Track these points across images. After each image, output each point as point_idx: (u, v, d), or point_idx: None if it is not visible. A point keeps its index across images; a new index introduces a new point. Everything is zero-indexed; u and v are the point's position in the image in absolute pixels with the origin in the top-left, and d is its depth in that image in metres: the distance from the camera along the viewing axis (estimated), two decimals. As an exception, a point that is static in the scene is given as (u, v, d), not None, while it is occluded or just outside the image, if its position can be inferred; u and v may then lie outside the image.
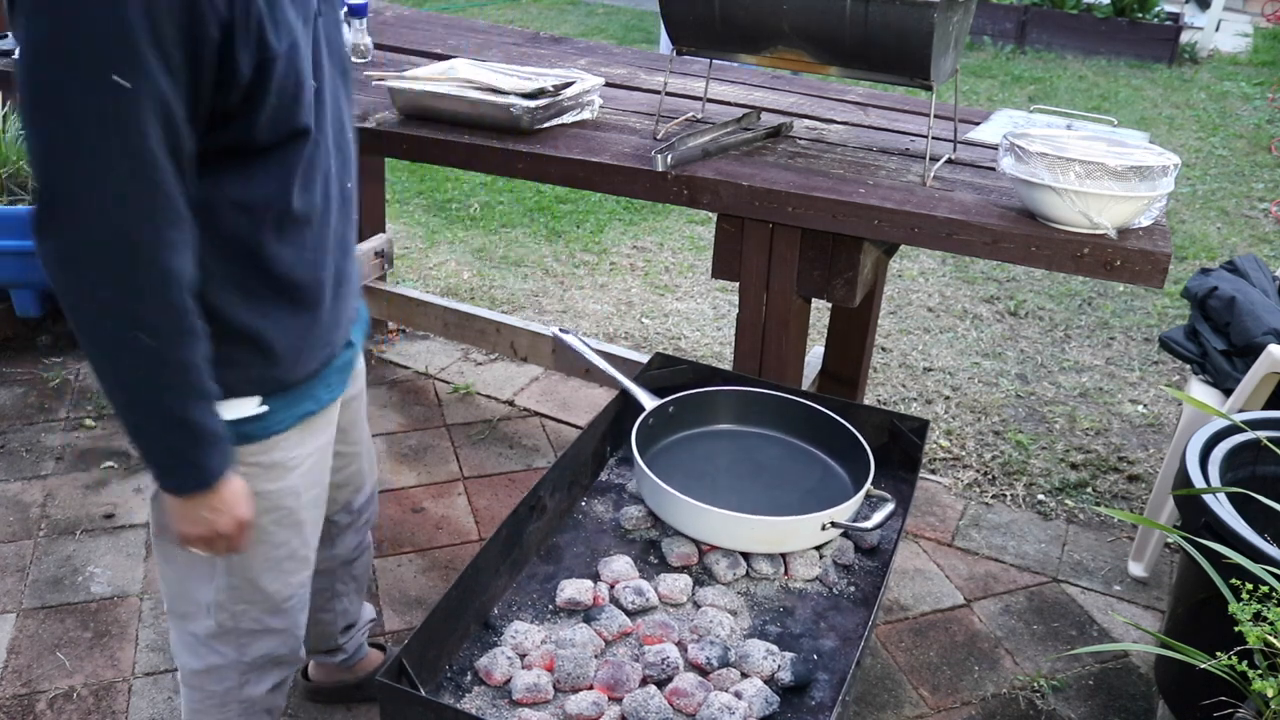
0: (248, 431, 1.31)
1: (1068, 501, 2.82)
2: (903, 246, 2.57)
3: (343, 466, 1.65)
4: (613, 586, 1.36)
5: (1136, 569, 2.52)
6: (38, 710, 2.03)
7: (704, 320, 3.76)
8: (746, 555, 1.43)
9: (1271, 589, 1.43)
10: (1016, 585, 2.50)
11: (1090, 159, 1.66)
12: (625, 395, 1.66)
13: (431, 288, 3.88)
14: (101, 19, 0.99)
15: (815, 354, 2.66)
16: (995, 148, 2.00)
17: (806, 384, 2.42)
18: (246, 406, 1.30)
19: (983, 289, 4.12)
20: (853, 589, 1.42)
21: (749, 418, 1.68)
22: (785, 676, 1.23)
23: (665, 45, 6.49)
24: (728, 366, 2.13)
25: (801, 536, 1.42)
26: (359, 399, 1.65)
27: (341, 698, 2.04)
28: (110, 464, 2.78)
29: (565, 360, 3.01)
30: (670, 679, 1.21)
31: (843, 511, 1.43)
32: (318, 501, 1.48)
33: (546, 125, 2.08)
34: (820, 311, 3.31)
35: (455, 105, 2.06)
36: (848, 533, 1.47)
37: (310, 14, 1.21)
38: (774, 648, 1.26)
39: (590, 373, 3.12)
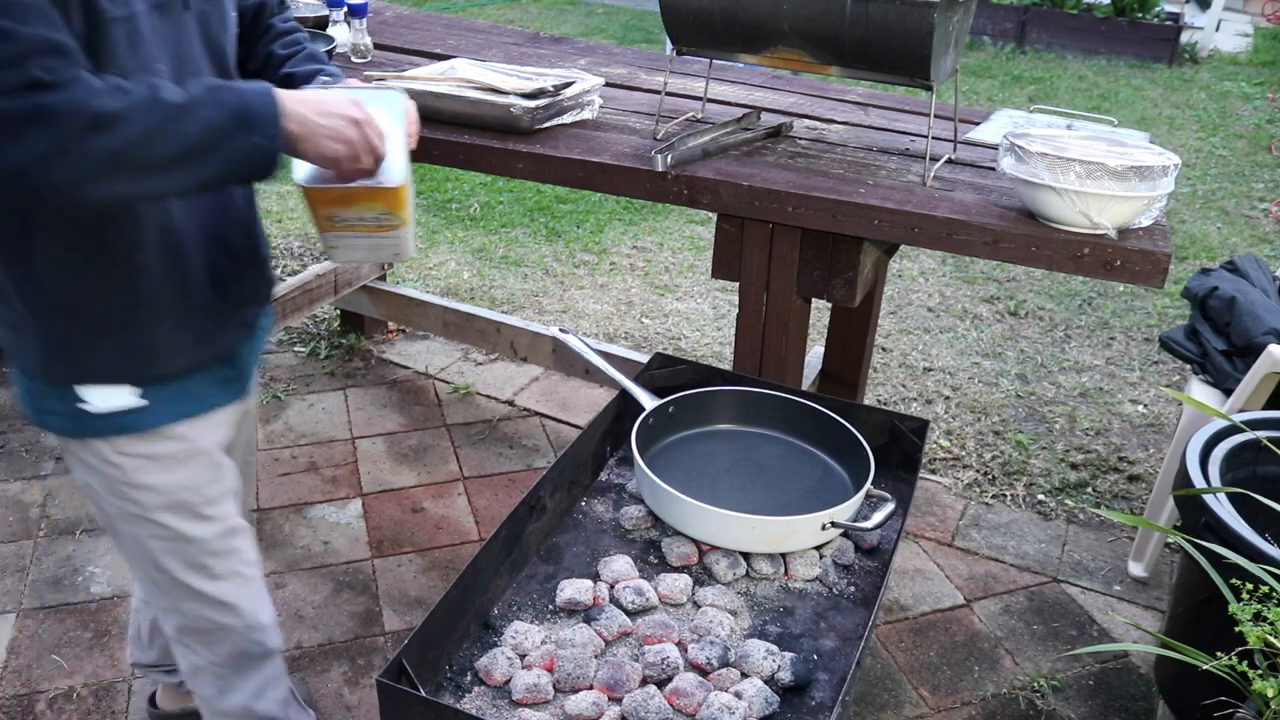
0: (124, 422, 1.35)
1: (1068, 501, 2.82)
2: (903, 246, 2.57)
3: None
4: (613, 586, 1.36)
5: (1136, 569, 2.52)
6: (38, 710, 2.03)
7: (704, 320, 3.76)
8: (746, 555, 1.43)
9: (1271, 589, 1.43)
10: (1016, 585, 2.50)
11: (1090, 159, 1.66)
12: (625, 395, 1.66)
13: (431, 288, 3.88)
14: None
15: (815, 354, 2.66)
16: (995, 148, 2.00)
17: (806, 384, 2.41)
18: (121, 396, 1.33)
19: (983, 289, 4.12)
20: (853, 589, 1.42)
21: (749, 418, 1.68)
22: (785, 676, 1.23)
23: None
24: (728, 366, 2.13)
25: (801, 536, 1.42)
26: (248, 419, 1.66)
27: None
28: (110, 464, 2.78)
29: (565, 360, 3.01)
30: (670, 679, 1.21)
31: (843, 511, 1.42)
32: (225, 495, 1.49)
33: (546, 125, 2.08)
34: (820, 311, 3.31)
35: (455, 105, 2.05)
36: (848, 533, 1.47)
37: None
38: (774, 648, 1.26)
39: (590, 373, 3.12)
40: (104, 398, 1.32)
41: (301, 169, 1.29)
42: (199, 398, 1.42)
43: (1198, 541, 1.61)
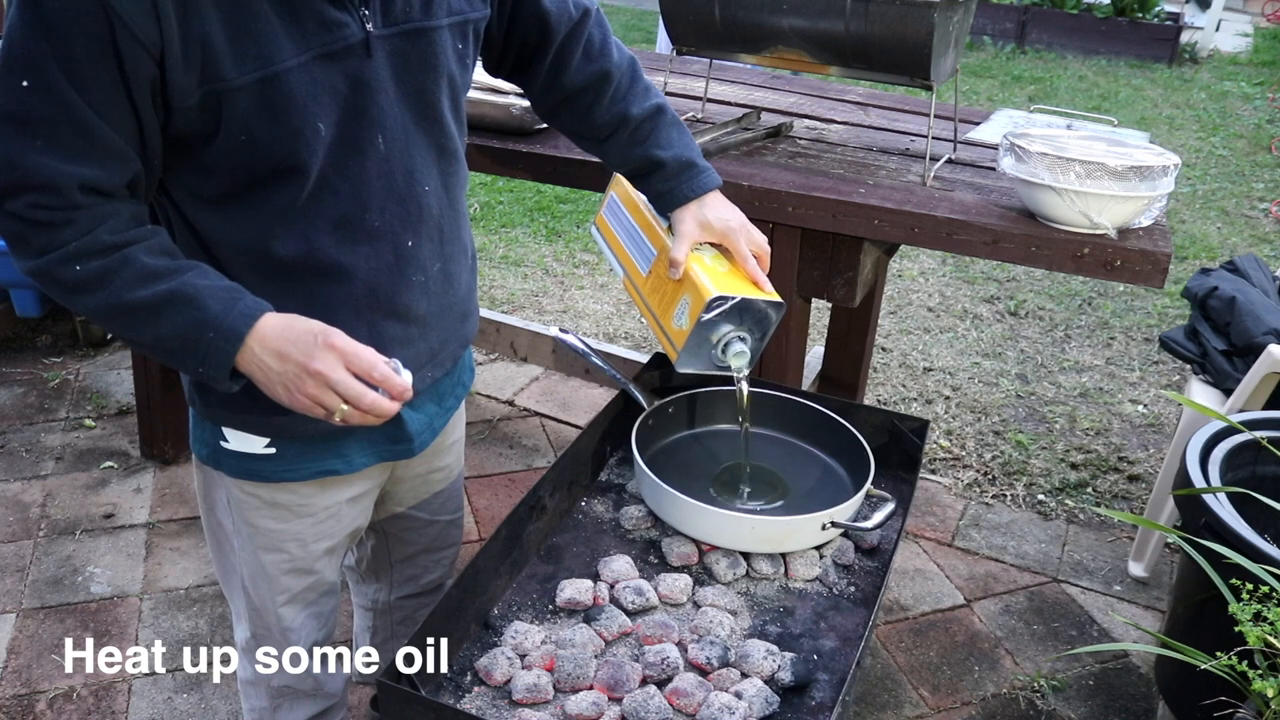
0: (252, 468, 1.30)
1: (1068, 501, 2.82)
2: (903, 246, 2.57)
3: (419, 528, 1.63)
4: (613, 586, 1.36)
5: (1136, 569, 2.52)
6: (38, 710, 2.03)
7: (704, 320, 3.76)
8: (746, 555, 1.43)
9: (1271, 589, 1.43)
10: (1016, 585, 2.50)
11: (1090, 159, 1.66)
12: (625, 395, 1.66)
13: (431, 288, 3.88)
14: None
15: (815, 354, 2.66)
16: (995, 148, 2.00)
17: (806, 384, 2.42)
18: (252, 443, 1.29)
19: (983, 289, 4.12)
20: (853, 589, 1.42)
21: (749, 418, 1.68)
22: (785, 676, 1.23)
23: (663, 45, 6.52)
24: (728, 366, 2.13)
25: (802, 536, 1.42)
26: (444, 473, 1.59)
27: None
28: (110, 464, 2.78)
29: (565, 360, 3.01)
30: (670, 679, 1.21)
31: (843, 511, 1.42)
32: (333, 552, 1.44)
33: (547, 125, 2.08)
34: (820, 311, 3.31)
35: (455, 105, 2.05)
36: (848, 533, 1.47)
37: (342, 47, 1.10)
38: (774, 648, 1.26)
39: (590, 373, 3.13)
40: (241, 441, 1.29)
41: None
42: (346, 458, 1.34)
43: (1198, 541, 1.61)
